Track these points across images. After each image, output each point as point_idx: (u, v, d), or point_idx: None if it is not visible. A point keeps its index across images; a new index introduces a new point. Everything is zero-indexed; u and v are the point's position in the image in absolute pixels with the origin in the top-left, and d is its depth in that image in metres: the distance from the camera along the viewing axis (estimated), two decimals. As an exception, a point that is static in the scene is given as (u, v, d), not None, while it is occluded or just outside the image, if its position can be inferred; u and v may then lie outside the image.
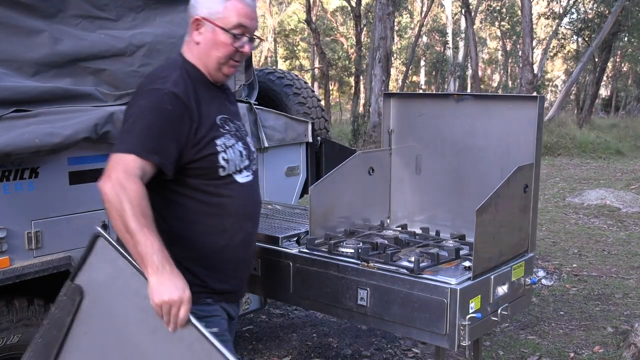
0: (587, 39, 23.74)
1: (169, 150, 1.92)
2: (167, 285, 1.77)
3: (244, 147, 2.14)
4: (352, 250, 2.52)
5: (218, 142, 2.04)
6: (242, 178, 2.12)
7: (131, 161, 1.86)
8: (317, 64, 27.96)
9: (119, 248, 1.86)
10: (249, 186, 2.15)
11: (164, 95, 1.93)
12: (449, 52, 32.24)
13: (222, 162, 2.04)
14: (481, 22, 33.80)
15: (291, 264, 2.61)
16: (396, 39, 29.15)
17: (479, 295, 2.28)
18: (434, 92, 25.66)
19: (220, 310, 2.14)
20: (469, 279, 2.25)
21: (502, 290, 2.41)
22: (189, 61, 2.10)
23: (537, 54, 28.47)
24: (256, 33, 2.18)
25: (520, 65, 18.50)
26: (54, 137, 2.41)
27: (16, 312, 2.50)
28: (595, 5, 23.34)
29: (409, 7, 30.74)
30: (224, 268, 2.12)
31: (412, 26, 33.75)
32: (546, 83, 33.60)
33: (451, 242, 2.76)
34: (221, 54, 2.08)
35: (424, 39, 33.83)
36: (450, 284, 2.19)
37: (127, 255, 1.84)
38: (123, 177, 1.82)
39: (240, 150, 2.11)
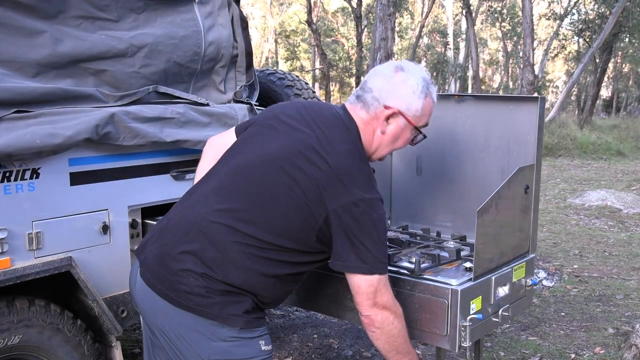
0: (588, 39, 23.75)
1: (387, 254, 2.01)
2: None
3: None
4: (353, 251, 2.52)
5: None
6: None
7: (384, 282, 1.95)
8: (318, 65, 27.98)
9: None
10: None
11: (381, 204, 1.95)
12: (450, 53, 32.27)
13: None
14: (482, 23, 33.82)
15: (292, 264, 2.61)
16: (397, 39, 29.15)
17: (480, 296, 2.27)
18: (434, 93, 25.61)
19: None
20: (469, 280, 2.25)
21: (503, 291, 2.40)
22: (361, 142, 2.06)
23: (538, 54, 28.47)
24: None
25: (521, 66, 18.51)
26: (55, 138, 2.42)
27: (17, 313, 2.50)
28: (596, 6, 23.35)
29: (410, 8, 30.75)
30: None
31: (413, 27, 33.78)
32: (547, 84, 33.62)
33: (452, 243, 2.76)
34: (398, 146, 2.14)
35: (425, 39, 33.86)
36: (451, 285, 2.19)
37: None
38: (392, 303, 1.98)
39: None
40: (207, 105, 3.17)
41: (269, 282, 1.99)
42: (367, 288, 1.92)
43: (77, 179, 2.67)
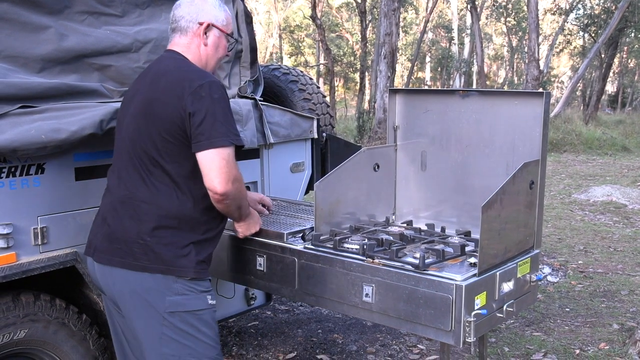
0: (593, 34, 23.64)
1: (236, 128, 2.26)
2: (252, 224, 2.65)
3: None
4: (358, 247, 2.52)
5: None
6: None
7: (232, 154, 2.20)
8: (322, 60, 27.94)
9: None
10: None
11: (220, 86, 2.24)
12: (455, 48, 32.19)
13: None
14: (487, 18, 33.70)
15: (296, 260, 2.61)
16: (401, 35, 29.08)
17: (485, 292, 2.27)
18: (439, 88, 25.60)
19: None
20: (474, 275, 2.25)
21: (508, 286, 2.40)
22: (191, 61, 2.37)
23: (543, 50, 28.38)
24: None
25: (526, 61, 18.45)
26: (60, 133, 2.42)
27: (23, 308, 2.51)
28: (601, 1, 23.24)
29: (414, 3, 30.67)
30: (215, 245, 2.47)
31: (418, 22, 33.69)
32: (552, 79, 33.51)
33: (456, 238, 2.76)
34: (220, 55, 2.47)
35: (430, 35, 33.77)
36: (456, 281, 2.19)
37: None
38: (240, 177, 2.26)
39: None
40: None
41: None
42: (217, 160, 2.19)
43: (83, 174, 2.68)
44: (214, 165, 2.16)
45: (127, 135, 2.33)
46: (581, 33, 27.58)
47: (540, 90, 4.55)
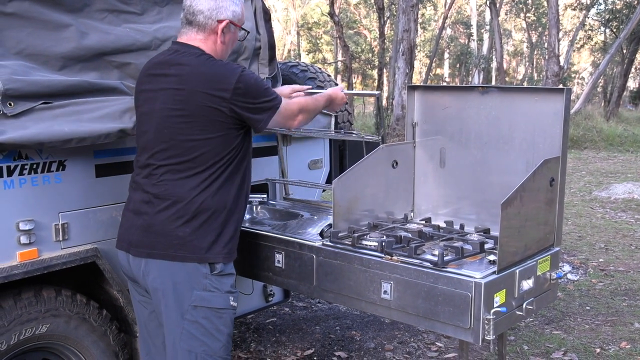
0: (615, 30, 23.34)
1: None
2: (337, 93, 2.82)
3: None
4: (376, 244, 2.52)
5: None
6: None
7: (282, 104, 2.43)
8: (340, 57, 27.89)
9: None
10: None
11: (249, 71, 2.40)
12: (474, 45, 31.97)
13: None
14: (506, 14, 33.42)
15: (314, 256, 2.62)
16: (420, 31, 28.95)
17: (504, 290, 2.26)
18: (458, 84, 25.46)
19: None
20: (493, 273, 2.24)
21: (527, 284, 2.39)
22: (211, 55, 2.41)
23: (564, 45, 28.05)
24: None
25: (546, 57, 18.28)
26: (82, 127, 2.44)
27: (44, 303, 2.54)
28: (623, -4, 22.93)
29: (433, 0, 30.49)
30: (239, 228, 2.52)
31: (436, 18, 33.50)
32: (572, 75, 33.14)
33: (475, 235, 2.74)
34: (232, 48, 2.58)
35: (448, 31, 33.58)
36: (475, 278, 2.18)
37: None
38: (292, 107, 2.53)
39: None
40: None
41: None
42: (282, 114, 2.45)
43: (103, 170, 2.70)
44: (282, 115, 2.44)
45: (158, 129, 2.34)
46: (602, 28, 27.25)
47: (561, 86, 4.50)
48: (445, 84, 32.21)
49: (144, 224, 2.36)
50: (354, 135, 3.31)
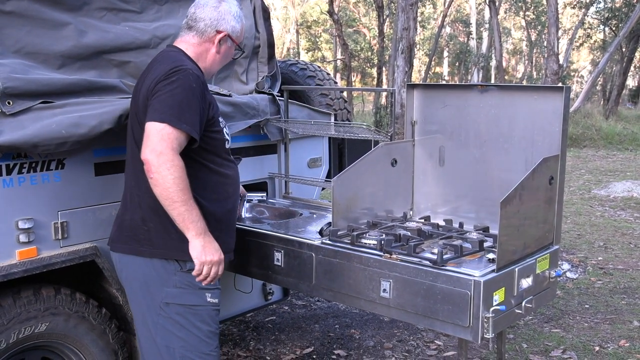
0: (614, 28, 23.33)
1: (195, 121, 2.21)
2: (210, 249, 2.26)
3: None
4: (375, 242, 2.52)
5: (220, 119, 2.47)
6: (231, 154, 2.55)
7: (170, 133, 2.14)
8: (339, 56, 27.89)
9: None
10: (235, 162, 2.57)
11: (189, 75, 2.23)
12: (473, 43, 31.96)
13: (226, 136, 2.48)
14: (505, 12, 33.41)
15: (314, 255, 2.62)
16: (419, 29, 28.92)
17: (503, 288, 2.26)
18: (457, 83, 25.45)
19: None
20: (492, 271, 2.24)
21: (527, 282, 2.39)
22: (191, 57, 2.41)
23: (563, 44, 28.05)
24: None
25: (546, 56, 18.27)
26: (80, 128, 2.44)
27: (44, 301, 2.54)
28: (622, -6, 22.92)
29: (432, -2, 30.45)
30: (230, 229, 2.50)
31: (435, 17, 33.49)
32: (572, 74, 33.15)
33: (475, 234, 2.74)
34: (225, 62, 2.56)
35: (447, 29, 33.56)
36: (474, 276, 2.18)
37: None
38: (170, 152, 2.13)
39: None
40: (230, 96, 3.18)
41: None
42: (150, 133, 2.16)
43: (102, 169, 2.70)
44: (149, 136, 2.14)
45: (130, 128, 2.41)
46: (601, 27, 27.23)
47: (560, 84, 4.51)
48: (444, 82, 32.19)
49: (118, 219, 2.45)
50: (363, 130, 3.29)
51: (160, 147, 2.12)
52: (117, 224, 2.45)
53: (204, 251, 2.24)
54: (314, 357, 4.00)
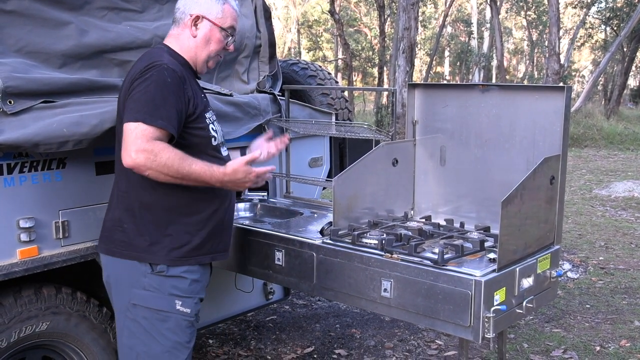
0: (615, 28, 23.32)
1: (171, 116, 2.16)
2: (238, 184, 2.29)
3: (219, 125, 2.49)
4: (376, 242, 2.52)
5: (207, 115, 2.38)
6: (224, 151, 2.47)
7: (145, 129, 2.10)
8: (340, 55, 27.89)
9: None
10: (228, 158, 2.46)
11: (164, 70, 2.18)
12: (474, 43, 31.95)
13: (213, 132, 2.37)
14: (507, 12, 33.38)
15: (315, 254, 2.62)
16: (420, 29, 28.92)
17: (504, 288, 2.26)
18: (458, 82, 25.44)
19: (206, 274, 2.44)
20: (493, 271, 2.24)
21: (528, 282, 2.39)
22: (174, 50, 2.37)
23: (564, 43, 28.01)
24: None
25: (547, 56, 18.26)
26: (81, 127, 2.44)
27: (44, 300, 2.55)
28: (624, -6, 22.89)
29: (434, -3, 30.45)
30: (218, 230, 2.40)
31: (437, 16, 33.47)
32: (573, 73, 33.10)
33: (476, 233, 2.74)
34: (213, 49, 2.40)
35: (449, 29, 33.54)
36: (475, 276, 2.18)
37: None
38: (148, 144, 2.08)
39: (219, 125, 2.47)
40: (231, 95, 3.18)
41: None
42: (125, 135, 2.12)
43: (103, 168, 2.70)
44: (125, 139, 2.11)
45: (117, 127, 2.37)
46: (603, 26, 27.21)
47: (561, 84, 4.50)
48: (445, 82, 32.18)
49: (103, 219, 2.43)
50: (364, 130, 3.28)
51: (135, 146, 2.08)
52: (102, 225, 2.44)
53: (237, 188, 2.35)
54: (315, 356, 4.01)
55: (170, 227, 2.29)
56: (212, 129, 2.38)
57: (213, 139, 2.37)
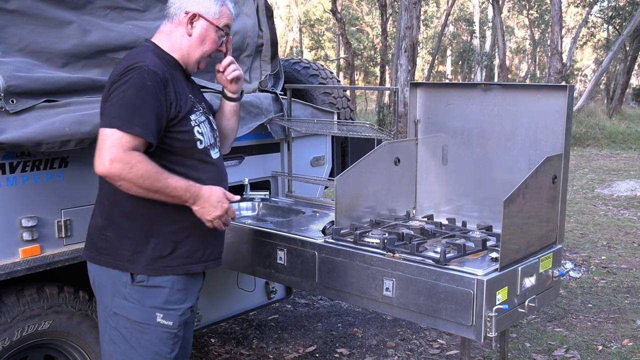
0: (618, 27, 23.28)
1: (149, 122, 2.06)
2: (207, 209, 2.18)
3: (211, 125, 2.36)
4: (378, 241, 2.52)
5: (192, 117, 2.23)
6: (214, 154, 2.34)
7: (120, 137, 2.01)
8: (342, 54, 27.87)
9: None
10: (219, 161, 2.38)
11: (144, 72, 2.09)
12: (476, 42, 31.92)
13: (198, 135, 2.24)
14: (509, 11, 33.32)
15: (317, 253, 2.62)
16: (422, 28, 28.90)
17: (506, 287, 2.26)
18: (460, 81, 25.41)
19: (196, 282, 2.35)
20: (495, 270, 2.24)
21: (530, 281, 2.38)
22: (161, 48, 2.28)
23: (566, 42, 27.99)
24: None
25: (549, 55, 18.22)
26: (83, 126, 2.44)
27: (47, 299, 2.55)
28: (626, -7, 22.86)
29: (436, -4, 30.43)
30: (208, 237, 2.30)
31: (439, 15, 33.44)
32: (575, 72, 33.06)
33: (478, 233, 2.74)
34: (207, 49, 2.32)
35: (451, 28, 33.49)
36: (477, 275, 2.18)
37: None
38: (124, 155, 2.00)
39: (210, 126, 2.33)
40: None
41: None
42: (99, 141, 2.04)
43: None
44: (99, 145, 2.03)
45: None
46: (605, 25, 27.17)
47: (563, 83, 4.50)
48: (447, 81, 32.15)
49: (88, 225, 2.34)
50: (366, 129, 3.29)
51: (110, 154, 1.99)
52: (87, 231, 2.36)
53: (204, 212, 2.18)
54: (317, 355, 4.01)
55: (152, 236, 2.20)
56: (198, 131, 2.23)
57: (198, 142, 2.23)
